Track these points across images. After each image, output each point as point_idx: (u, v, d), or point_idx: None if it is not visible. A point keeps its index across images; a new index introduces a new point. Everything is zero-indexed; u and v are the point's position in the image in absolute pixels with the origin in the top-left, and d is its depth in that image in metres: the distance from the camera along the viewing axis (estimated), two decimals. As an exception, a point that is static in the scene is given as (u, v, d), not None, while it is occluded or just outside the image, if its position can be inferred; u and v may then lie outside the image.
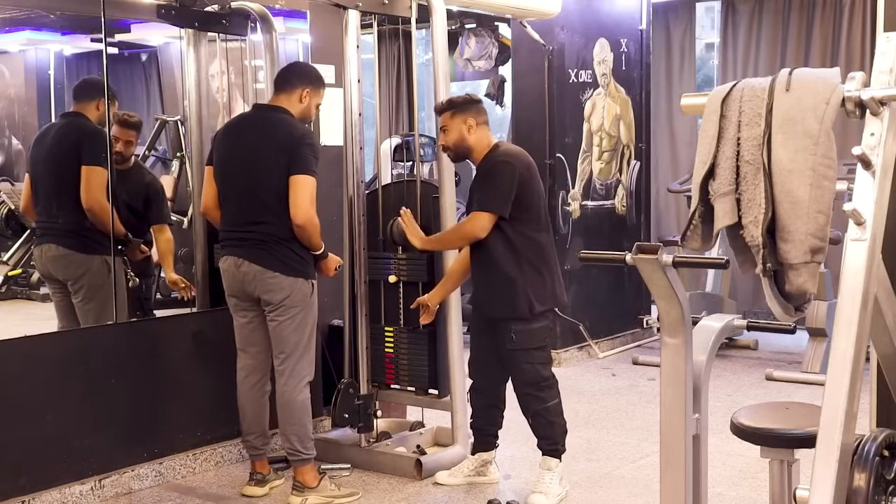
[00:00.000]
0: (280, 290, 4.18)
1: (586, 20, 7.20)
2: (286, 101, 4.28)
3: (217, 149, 4.36)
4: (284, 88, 4.30)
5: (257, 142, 4.21)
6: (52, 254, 4.63)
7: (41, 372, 4.22)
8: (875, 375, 2.84)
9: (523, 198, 4.20)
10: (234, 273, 4.25)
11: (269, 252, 4.17)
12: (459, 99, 4.41)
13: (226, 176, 4.30)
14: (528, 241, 4.23)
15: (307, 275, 4.24)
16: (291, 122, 4.23)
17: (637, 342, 7.73)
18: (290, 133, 4.18)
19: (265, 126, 4.24)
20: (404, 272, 4.80)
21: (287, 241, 4.17)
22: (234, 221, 4.27)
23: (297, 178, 4.11)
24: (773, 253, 2.24)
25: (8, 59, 5.50)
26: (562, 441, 4.36)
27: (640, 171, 7.78)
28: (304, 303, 4.24)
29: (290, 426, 4.26)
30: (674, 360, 2.70)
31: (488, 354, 4.38)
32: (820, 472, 2.09)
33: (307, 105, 4.30)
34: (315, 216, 4.16)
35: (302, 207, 4.10)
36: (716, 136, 2.31)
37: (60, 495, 4.21)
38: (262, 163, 4.16)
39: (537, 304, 4.23)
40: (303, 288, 4.22)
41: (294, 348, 4.25)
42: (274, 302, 4.20)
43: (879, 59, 2.21)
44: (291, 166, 4.11)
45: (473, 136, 4.30)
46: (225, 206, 4.30)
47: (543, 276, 4.26)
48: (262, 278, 4.18)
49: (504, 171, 4.19)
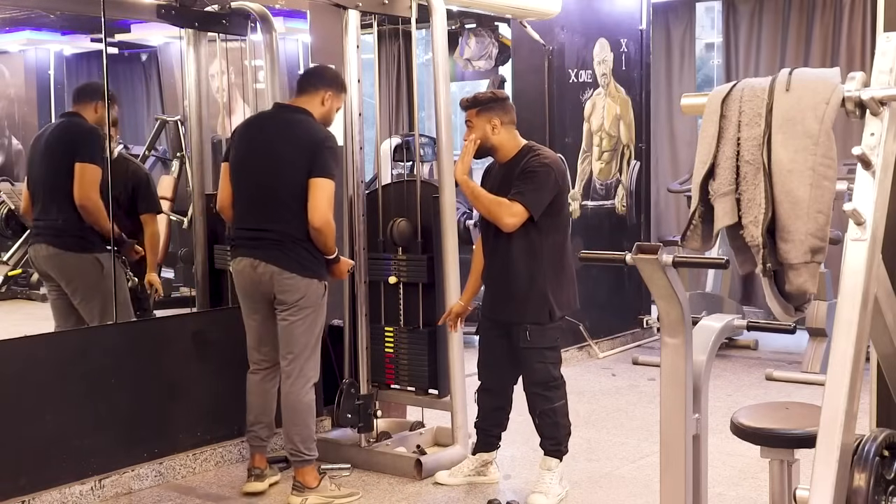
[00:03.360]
0: (296, 291, 4.18)
1: (586, 20, 7.20)
2: (307, 102, 4.27)
3: (235, 146, 4.34)
4: (307, 90, 4.29)
5: (277, 141, 4.20)
6: (44, 253, 4.63)
7: (41, 372, 4.22)
8: (875, 375, 2.84)
9: (555, 205, 4.19)
10: (251, 274, 4.23)
11: (286, 253, 4.16)
12: (485, 97, 4.35)
13: (242, 173, 4.28)
14: (553, 248, 4.21)
15: (321, 276, 4.24)
16: (313, 124, 4.22)
17: (637, 342, 7.73)
18: (311, 135, 4.17)
19: (286, 126, 4.23)
20: (404, 273, 4.80)
21: (302, 242, 4.16)
22: (249, 220, 4.26)
23: (318, 181, 4.09)
24: (773, 253, 2.24)
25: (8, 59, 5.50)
26: (565, 442, 4.36)
27: (640, 171, 7.78)
28: (317, 304, 4.24)
29: (294, 427, 4.26)
30: (674, 360, 2.70)
31: (501, 355, 4.36)
32: (820, 472, 2.09)
33: (328, 108, 4.30)
34: (332, 220, 4.16)
35: (320, 210, 4.09)
36: (716, 136, 2.31)
37: (60, 495, 4.21)
38: (282, 162, 4.15)
39: (557, 310, 4.23)
40: (317, 289, 4.22)
41: (303, 349, 4.25)
42: (288, 302, 4.20)
43: (879, 59, 2.21)
44: (312, 168, 4.10)
45: (498, 135, 4.25)
46: (239, 205, 4.28)
47: (563, 282, 4.26)
48: (279, 279, 4.17)
49: (548, 177, 4.15)
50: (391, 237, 4.83)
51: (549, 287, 4.20)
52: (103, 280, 4.58)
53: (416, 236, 4.79)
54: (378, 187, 4.99)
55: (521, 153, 4.26)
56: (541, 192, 4.14)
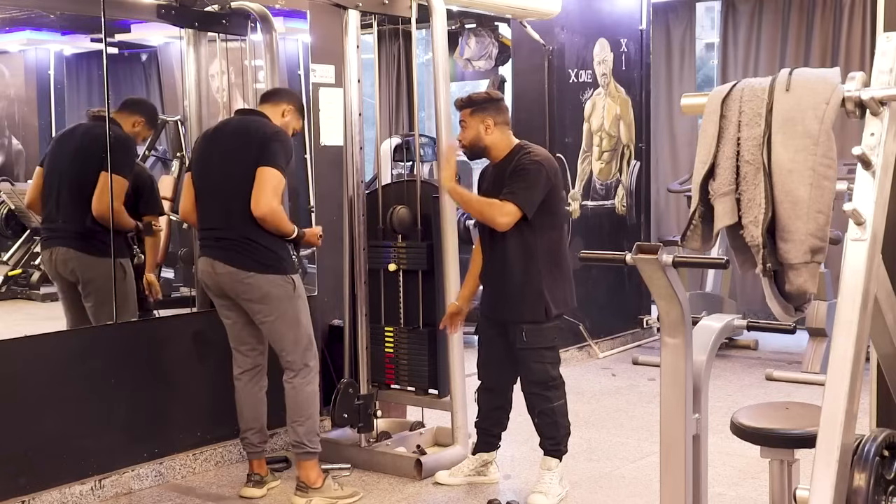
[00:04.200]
0: (257, 289, 4.17)
1: (586, 20, 7.20)
2: (268, 110, 4.34)
3: (195, 153, 4.40)
4: (270, 100, 4.38)
5: (232, 142, 4.22)
6: (65, 256, 4.62)
7: (41, 372, 4.22)
8: (875, 375, 2.84)
9: (549, 203, 4.18)
10: (211, 274, 4.25)
11: (242, 253, 4.16)
12: (479, 97, 4.37)
13: (201, 177, 4.30)
14: (548, 246, 4.21)
15: (284, 271, 4.20)
16: (267, 122, 4.26)
17: (637, 342, 7.73)
18: (262, 130, 4.20)
19: (240, 127, 4.28)
20: (404, 260, 4.80)
21: (259, 239, 4.14)
22: (208, 221, 4.28)
23: (262, 169, 4.09)
24: (773, 253, 2.24)
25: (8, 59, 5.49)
26: (564, 442, 4.36)
27: (640, 171, 7.78)
28: (287, 297, 4.21)
29: (297, 417, 4.25)
30: (674, 360, 2.71)
31: (500, 354, 4.36)
32: (820, 472, 2.09)
33: (287, 122, 4.35)
34: (277, 206, 4.11)
35: (262, 200, 4.06)
36: (716, 136, 2.31)
37: (60, 495, 4.21)
38: (236, 162, 4.16)
39: (553, 308, 4.23)
40: (282, 284, 4.19)
41: (294, 343, 4.25)
42: (253, 300, 4.19)
43: (879, 59, 2.21)
44: (259, 159, 4.10)
45: (491, 136, 4.26)
46: (200, 208, 4.30)
47: (559, 280, 4.26)
48: (237, 278, 4.17)
49: (539, 175, 4.14)
50: (391, 224, 4.83)
51: (544, 285, 4.20)
52: (123, 284, 4.60)
53: (415, 224, 4.79)
54: (378, 187, 4.99)
55: (512, 152, 4.26)
56: (532, 191, 4.14)
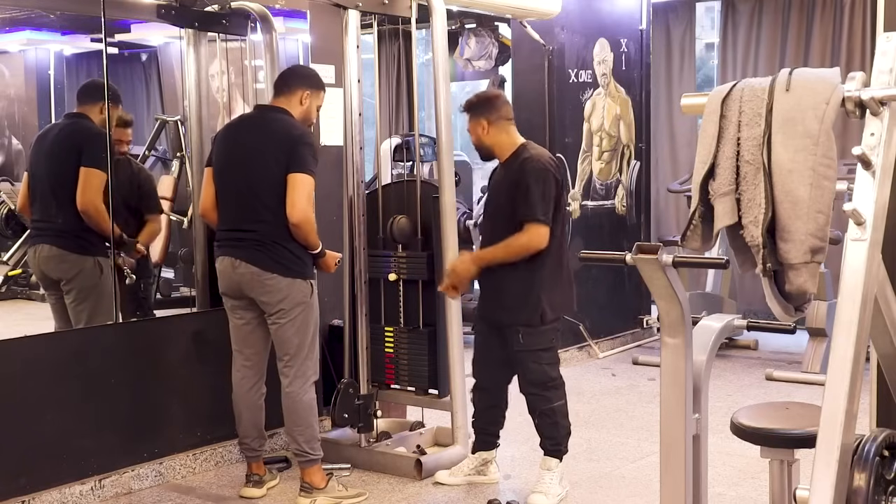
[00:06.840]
0: (277, 292, 4.17)
1: (586, 20, 7.20)
2: (286, 102, 4.27)
3: (216, 149, 4.35)
4: (284, 91, 4.29)
5: (256, 141, 4.20)
6: (45, 254, 4.62)
7: (41, 372, 4.22)
8: (875, 375, 2.84)
9: (555, 207, 4.19)
10: (231, 274, 4.23)
11: (266, 253, 4.15)
12: (474, 99, 4.38)
13: (224, 175, 4.28)
14: (549, 249, 4.18)
15: (305, 275, 4.22)
16: (290, 122, 4.22)
17: (637, 342, 7.73)
18: (288, 132, 4.17)
19: (264, 126, 4.23)
20: (404, 270, 4.80)
21: (285, 242, 4.15)
22: (231, 221, 4.26)
23: (295, 176, 4.09)
24: (773, 253, 2.24)
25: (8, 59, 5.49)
26: (564, 442, 4.36)
27: (640, 171, 7.78)
28: (304, 304, 4.22)
29: (296, 427, 4.25)
30: (674, 360, 2.71)
31: (495, 354, 4.36)
32: (820, 472, 2.09)
33: (307, 107, 4.29)
34: (312, 215, 4.15)
35: (298, 206, 4.08)
36: (716, 136, 2.31)
37: (60, 495, 4.21)
38: (261, 162, 4.15)
39: (550, 312, 4.23)
40: (301, 289, 4.20)
41: (298, 350, 4.25)
42: (272, 303, 4.19)
43: (879, 59, 2.21)
44: (290, 165, 4.09)
45: (489, 136, 4.27)
46: (223, 206, 4.28)
47: (558, 284, 4.25)
48: (260, 280, 4.16)
49: (547, 181, 4.14)
50: (391, 234, 4.83)
51: (542, 289, 4.19)
52: (100, 283, 4.58)
53: (416, 233, 4.79)
54: (378, 187, 4.99)
55: (517, 152, 4.27)
56: (545, 200, 4.13)
